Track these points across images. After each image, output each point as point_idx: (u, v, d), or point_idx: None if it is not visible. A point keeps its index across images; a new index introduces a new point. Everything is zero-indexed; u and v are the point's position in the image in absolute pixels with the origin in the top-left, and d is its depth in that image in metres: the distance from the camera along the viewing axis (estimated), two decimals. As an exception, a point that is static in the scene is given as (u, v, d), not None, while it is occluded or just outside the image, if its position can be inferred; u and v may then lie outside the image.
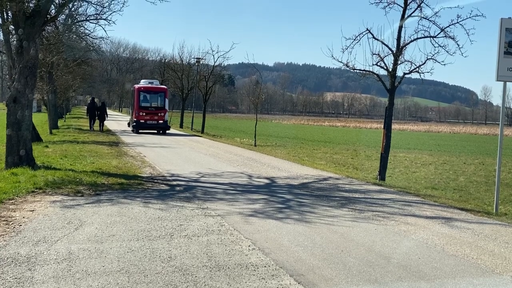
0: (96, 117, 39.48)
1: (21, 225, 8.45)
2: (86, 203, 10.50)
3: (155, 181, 14.17)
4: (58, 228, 8.33)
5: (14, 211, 9.47)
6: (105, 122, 40.64)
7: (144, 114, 37.92)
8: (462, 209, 11.82)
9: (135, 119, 38.25)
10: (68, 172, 14.21)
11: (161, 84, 45.66)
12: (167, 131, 39.16)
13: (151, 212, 9.87)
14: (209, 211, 10.22)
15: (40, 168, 14.57)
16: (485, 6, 16.84)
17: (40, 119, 42.74)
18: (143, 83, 41.94)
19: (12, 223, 8.56)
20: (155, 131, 38.48)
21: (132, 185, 12.99)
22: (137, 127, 37.97)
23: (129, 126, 42.76)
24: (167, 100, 39.88)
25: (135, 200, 11.05)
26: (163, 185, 13.49)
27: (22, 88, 14.42)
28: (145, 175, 15.06)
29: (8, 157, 14.57)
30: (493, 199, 12.49)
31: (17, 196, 10.77)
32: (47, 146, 22.28)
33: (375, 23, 16.59)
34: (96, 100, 44.32)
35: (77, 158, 18.23)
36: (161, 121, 38.30)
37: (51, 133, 32.06)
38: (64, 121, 50.50)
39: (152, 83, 41.82)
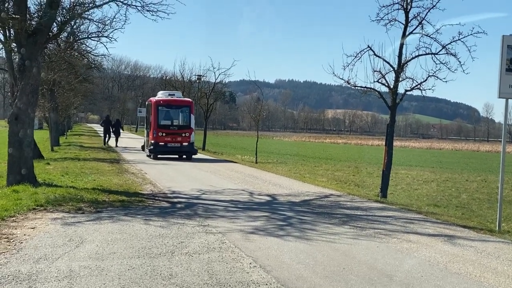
0: (112, 133, 41.75)
1: (22, 243, 8.42)
2: (87, 220, 10.47)
3: (156, 198, 14.14)
4: (59, 245, 8.30)
5: (15, 229, 9.45)
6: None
7: (164, 134, 29.35)
8: (464, 226, 11.78)
9: (152, 141, 29.41)
10: (69, 189, 14.19)
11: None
12: (194, 156, 30.62)
13: (152, 229, 9.83)
14: (210, 228, 10.19)
15: (41, 185, 14.55)
16: (486, 23, 16.88)
17: (41, 136, 42.76)
18: (161, 95, 32.13)
19: (13, 241, 8.53)
20: (178, 156, 30.45)
21: (133, 202, 12.97)
22: (155, 151, 29.48)
23: (143, 149, 33.38)
24: (193, 117, 30.89)
25: (136, 217, 11.02)
26: (164, 202, 13.46)
27: (24, 106, 14.44)
28: (146, 192, 15.04)
29: (10, 174, 14.56)
30: (495, 217, 12.43)
31: (18, 213, 10.75)
32: (48, 163, 22.28)
33: (376, 40, 16.70)
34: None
35: (78, 175, 18.23)
36: (186, 143, 29.70)
37: (52, 150, 32.08)
38: (66, 138, 50.51)
39: (174, 95, 32.27)
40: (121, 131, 43.32)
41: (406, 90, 16.63)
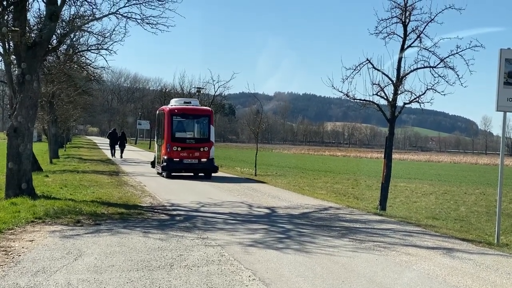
0: (117, 146, 42.95)
1: (20, 255, 8.41)
2: (86, 233, 10.46)
3: (155, 210, 14.13)
4: (57, 258, 8.29)
5: (14, 241, 9.44)
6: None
7: (179, 149, 25.19)
8: (463, 239, 11.77)
9: (165, 157, 25.27)
10: (68, 202, 14.17)
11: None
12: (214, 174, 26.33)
13: (151, 242, 9.82)
14: (209, 241, 10.18)
15: (40, 198, 14.53)
16: (484, 37, 16.95)
17: (40, 149, 42.76)
18: (176, 103, 27.73)
19: (11, 253, 8.52)
20: (194, 174, 25.99)
21: (132, 215, 12.95)
22: (169, 169, 25.17)
23: (153, 166, 29.05)
24: (212, 128, 26.75)
25: (135, 230, 11.01)
26: (163, 215, 13.45)
27: (23, 119, 14.46)
28: (145, 205, 15.03)
29: (8, 187, 14.55)
30: (494, 230, 12.43)
31: (16, 226, 10.74)
32: (47, 176, 22.26)
33: (375, 53, 16.73)
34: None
35: (77, 188, 18.21)
36: (204, 159, 25.62)
37: (51, 162, 32.06)
38: (65, 150, 50.49)
39: (190, 103, 27.84)
40: (125, 143, 44.77)
41: (405, 103, 16.68)
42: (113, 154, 43.15)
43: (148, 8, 16.75)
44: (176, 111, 26.23)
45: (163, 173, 25.76)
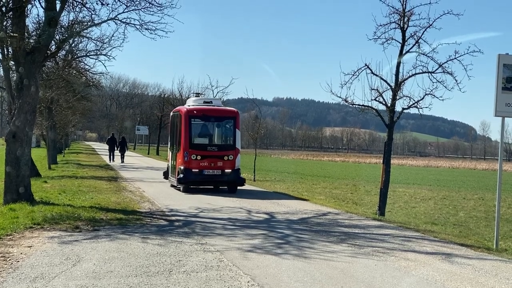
0: (117, 151, 43.99)
1: (18, 261, 8.39)
2: (84, 239, 10.45)
3: (154, 216, 14.12)
4: (55, 264, 8.28)
5: (12, 247, 9.42)
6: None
7: (199, 158, 21.31)
8: (462, 244, 11.77)
9: (182, 167, 21.30)
10: (67, 208, 14.16)
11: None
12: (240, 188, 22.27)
13: (150, 247, 9.81)
14: (208, 246, 10.17)
15: (38, 203, 14.52)
16: (482, 42, 17.01)
17: (39, 154, 42.76)
18: (194, 103, 23.43)
19: (10, 259, 8.51)
20: (215, 187, 22.25)
21: (130, 221, 12.94)
22: (187, 181, 21.22)
23: (166, 177, 25.00)
24: (238, 133, 22.67)
25: (133, 235, 11.00)
26: (162, 220, 13.44)
27: (22, 124, 14.46)
28: (144, 210, 15.02)
29: (7, 193, 14.54)
30: (493, 235, 12.44)
31: (15, 232, 10.73)
32: (45, 182, 22.25)
33: (373, 58, 16.77)
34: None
35: (75, 193, 18.20)
36: (229, 170, 21.62)
37: (50, 168, 32.05)
38: (63, 156, 50.46)
39: (211, 102, 23.55)
40: (126, 148, 45.73)
41: (403, 108, 16.72)
42: (111, 159, 43.62)
43: (147, 14, 16.79)
44: (195, 112, 22.11)
45: (178, 186, 21.67)
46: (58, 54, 24.14)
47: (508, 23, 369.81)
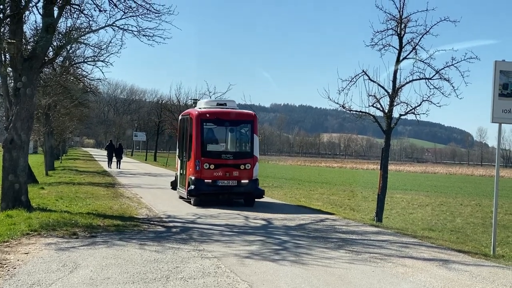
0: (114, 157, 45.04)
1: (15, 268, 8.38)
2: (81, 246, 10.43)
3: (151, 222, 14.10)
4: (52, 271, 8.26)
5: (9, 254, 9.40)
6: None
7: (212, 167, 18.97)
8: (459, 251, 11.78)
9: (193, 177, 19.04)
10: (64, 214, 14.13)
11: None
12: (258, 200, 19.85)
13: (147, 254, 9.80)
14: (206, 253, 10.16)
15: (35, 210, 14.49)
16: (479, 49, 17.05)
17: (36, 161, 42.68)
18: (207, 105, 21.05)
19: (7, 266, 8.49)
20: (229, 198, 19.71)
21: (128, 227, 12.92)
22: (199, 192, 18.85)
23: (173, 188, 22.70)
24: (256, 139, 20.11)
25: (130, 242, 10.98)
26: (159, 227, 13.43)
27: (19, 131, 14.44)
28: (141, 217, 15.00)
29: (4, 199, 14.51)
30: (490, 241, 12.44)
31: (12, 239, 10.70)
32: (42, 188, 22.21)
33: (371, 64, 16.81)
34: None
35: (72, 200, 18.17)
36: (246, 181, 19.25)
37: (47, 174, 31.99)
38: (61, 162, 50.40)
39: (225, 105, 20.99)
40: (123, 155, 47.95)
41: (401, 115, 16.75)
42: (109, 165, 44.75)
43: (145, 20, 16.79)
44: (207, 115, 19.77)
45: (189, 198, 19.28)
46: (56, 61, 24.18)
47: (505, 31, 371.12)
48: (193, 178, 19.00)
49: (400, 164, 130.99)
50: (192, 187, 18.86)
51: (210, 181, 18.92)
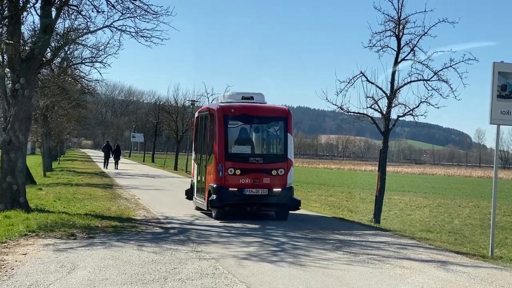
0: (112, 158, 45.72)
1: (13, 269, 8.36)
2: (79, 246, 10.41)
3: (149, 223, 14.09)
4: (50, 271, 8.25)
5: (7, 255, 9.39)
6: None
7: (238, 172, 15.66)
8: (457, 252, 11.77)
9: (215, 185, 15.70)
10: (62, 215, 14.12)
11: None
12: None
13: (145, 255, 9.79)
14: (204, 254, 10.15)
15: (33, 211, 14.48)
16: (478, 51, 17.08)
17: (34, 162, 42.65)
18: (230, 99, 17.31)
19: (4, 267, 8.48)
20: (258, 209, 16.43)
21: (126, 228, 12.90)
22: (222, 204, 15.69)
23: (189, 197, 19.10)
24: (290, 139, 16.74)
25: (128, 243, 10.97)
26: (157, 228, 13.41)
27: (17, 132, 14.43)
28: (139, 218, 14.98)
29: (1, 200, 14.49)
30: (488, 242, 12.45)
31: (10, 240, 10.68)
32: (40, 189, 22.19)
33: (369, 66, 16.81)
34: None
35: (70, 201, 18.15)
36: (278, 189, 15.95)
37: (45, 175, 31.97)
38: (58, 163, 50.37)
39: (252, 98, 17.28)
40: (120, 156, 48.35)
41: (399, 116, 16.77)
42: (105, 166, 44.99)
43: (143, 21, 16.78)
44: (232, 111, 16.48)
45: (210, 210, 16.21)
46: (54, 61, 24.11)
47: (503, 33, 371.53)
48: (214, 186, 15.73)
49: (398, 165, 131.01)
50: (214, 196, 15.64)
51: (236, 189, 15.68)
